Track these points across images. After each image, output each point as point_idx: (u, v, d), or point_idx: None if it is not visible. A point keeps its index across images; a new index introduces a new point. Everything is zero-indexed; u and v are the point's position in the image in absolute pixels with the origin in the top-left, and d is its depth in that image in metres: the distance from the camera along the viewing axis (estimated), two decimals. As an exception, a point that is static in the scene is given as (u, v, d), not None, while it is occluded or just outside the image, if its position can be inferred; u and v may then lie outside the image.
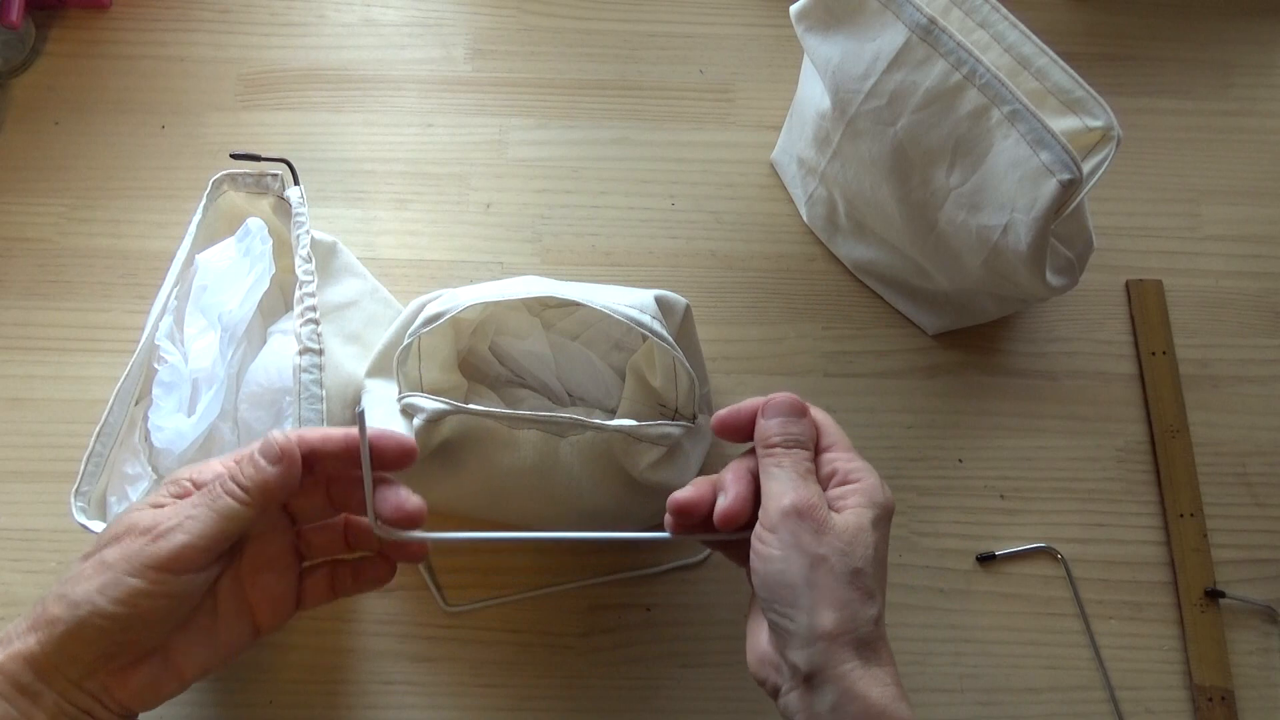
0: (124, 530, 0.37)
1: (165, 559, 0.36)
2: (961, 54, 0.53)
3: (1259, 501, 0.65)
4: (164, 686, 0.39)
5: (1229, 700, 0.59)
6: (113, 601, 0.36)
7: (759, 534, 0.40)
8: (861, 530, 0.39)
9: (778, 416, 0.42)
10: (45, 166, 0.70)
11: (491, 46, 0.76)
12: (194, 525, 0.37)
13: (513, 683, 0.58)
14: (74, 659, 0.37)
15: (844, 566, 0.38)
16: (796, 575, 0.37)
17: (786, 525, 0.38)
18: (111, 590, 0.36)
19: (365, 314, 0.60)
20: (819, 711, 0.37)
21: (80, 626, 0.36)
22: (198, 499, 0.38)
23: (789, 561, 0.38)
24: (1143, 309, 0.69)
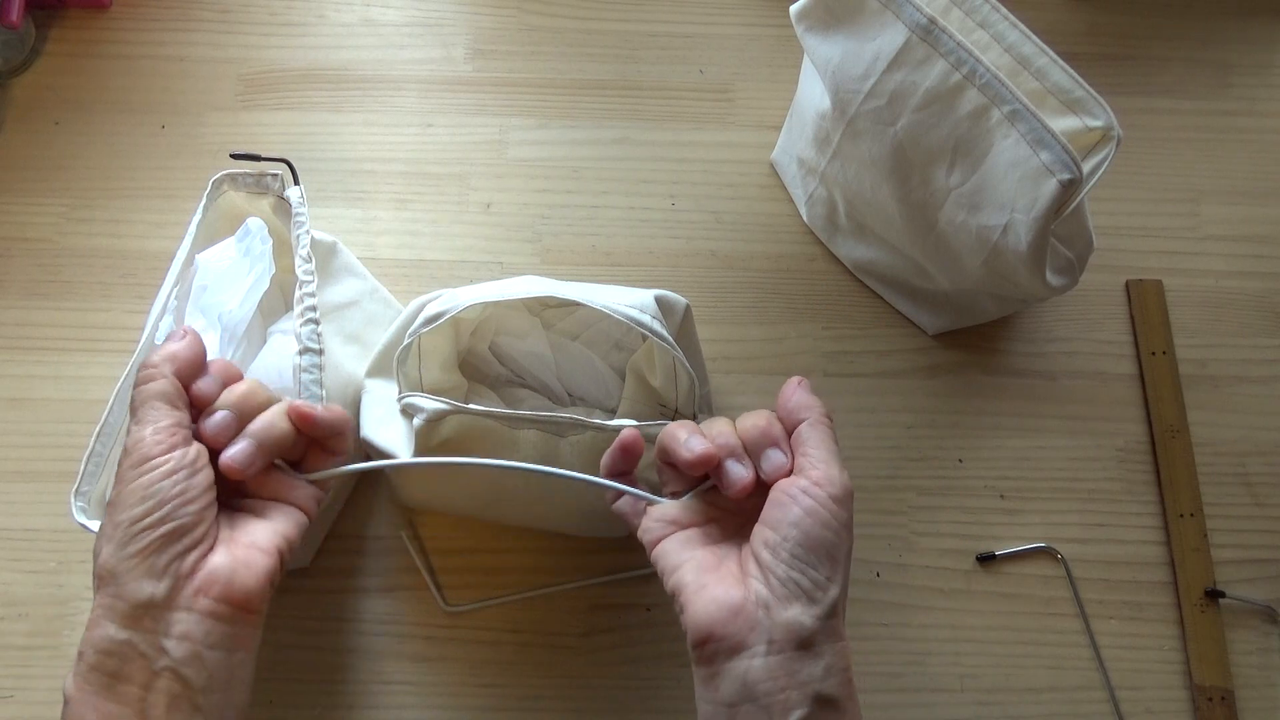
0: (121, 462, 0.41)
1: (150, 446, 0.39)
2: (961, 54, 0.53)
3: (1259, 501, 0.65)
4: (253, 561, 0.40)
5: (1229, 700, 0.59)
6: (133, 505, 0.38)
7: (820, 498, 0.40)
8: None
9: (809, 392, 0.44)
10: (45, 166, 0.70)
11: (491, 46, 0.76)
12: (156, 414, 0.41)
13: (513, 683, 0.58)
14: (146, 576, 0.38)
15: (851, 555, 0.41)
16: (841, 551, 0.40)
17: (846, 505, 0.40)
18: (129, 498, 0.39)
19: (365, 314, 0.60)
20: (810, 676, 0.38)
21: (125, 543, 0.38)
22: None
23: (842, 538, 0.40)
24: (1143, 309, 0.69)
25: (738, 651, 0.38)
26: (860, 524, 0.62)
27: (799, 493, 0.40)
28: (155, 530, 0.38)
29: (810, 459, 0.41)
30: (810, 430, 0.42)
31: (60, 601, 0.59)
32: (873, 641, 0.60)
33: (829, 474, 0.40)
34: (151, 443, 0.39)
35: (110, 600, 0.38)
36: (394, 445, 0.53)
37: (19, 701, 0.57)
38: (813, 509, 0.39)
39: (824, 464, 0.41)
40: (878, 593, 0.61)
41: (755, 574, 0.40)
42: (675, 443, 0.43)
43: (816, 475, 0.40)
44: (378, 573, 0.60)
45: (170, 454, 0.40)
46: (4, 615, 0.58)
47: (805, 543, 0.39)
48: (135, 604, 0.38)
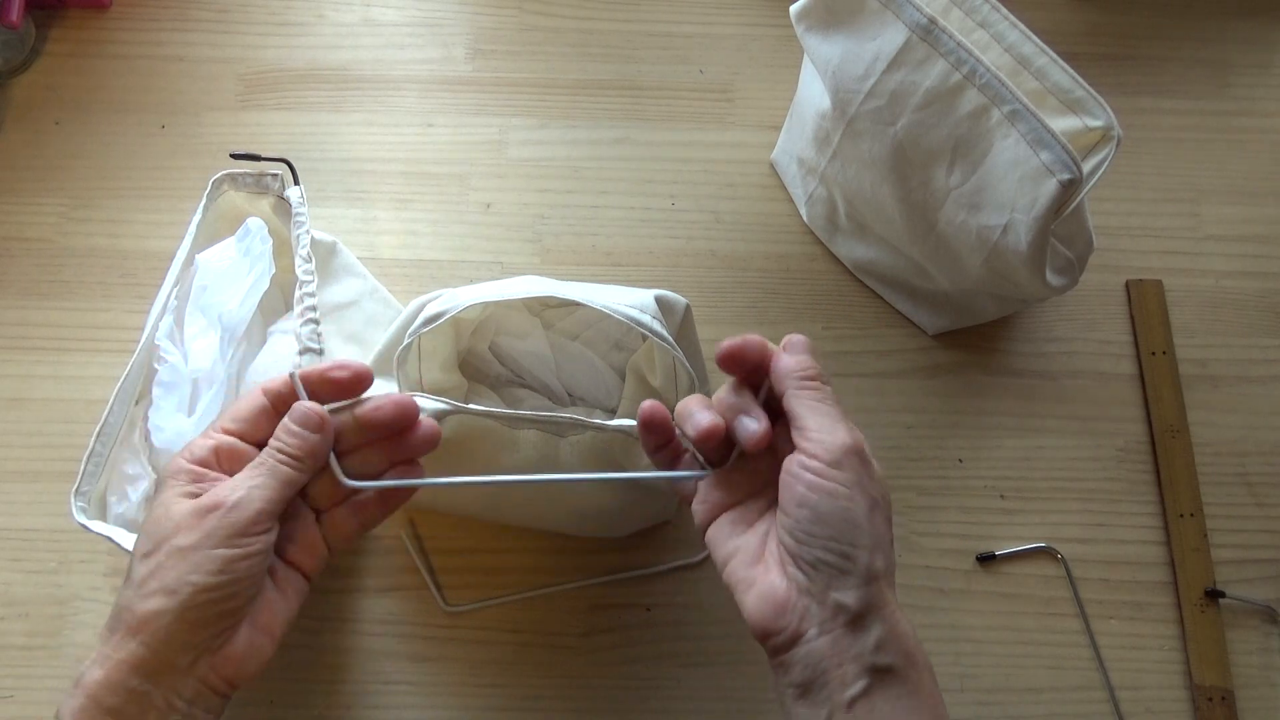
0: (186, 516, 0.39)
1: (247, 523, 0.39)
2: (961, 54, 0.53)
3: (1259, 501, 0.65)
4: (261, 649, 0.41)
5: (1229, 700, 0.59)
6: (210, 574, 0.38)
7: (816, 468, 0.38)
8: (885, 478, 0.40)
9: (804, 353, 0.42)
10: (45, 166, 0.70)
11: (491, 46, 0.76)
12: (261, 492, 0.40)
13: (513, 683, 0.58)
14: (185, 645, 0.38)
15: (888, 511, 0.39)
16: (861, 515, 0.38)
17: (850, 463, 0.38)
18: (207, 565, 0.38)
19: (365, 314, 0.60)
20: (862, 649, 0.37)
21: (186, 609, 0.38)
22: (253, 471, 0.41)
23: (854, 500, 0.38)
24: (1143, 309, 0.69)
25: (796, 640, 0.38)
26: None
27: (799, 470, 0.39)
28: (219, 606, 0.39)
29: (803, 432, 0.40)
30: (794, 400, 0.41)
31: (60, 601, 0.59)
32: (873, 641, 0.60)
33: (821, 440, 0.39)
34: (256, 515, 0.39)
35: (141, 652, 0.38)
36: (394, 445, 0.53)
37: (19, 701, 0.57)
38: (814, 483, 0.38)
39: (815, 430, 0.39)
40: (878, 593, 0.61)
41: (788, 560, 0.39)
42: (684, 419, 0.42)
43: (809, 446, 0.39)
44: (378, 573, 0.60)
45: (265, 535, 0.40)
46: (4, 615, 0.58)
47: (817, 520, 0.38)
48: (166, 664, 0.38)
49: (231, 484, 0.40)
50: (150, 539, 0.39)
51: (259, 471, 0.41)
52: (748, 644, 0.59)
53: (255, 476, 0.40)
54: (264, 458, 0.41)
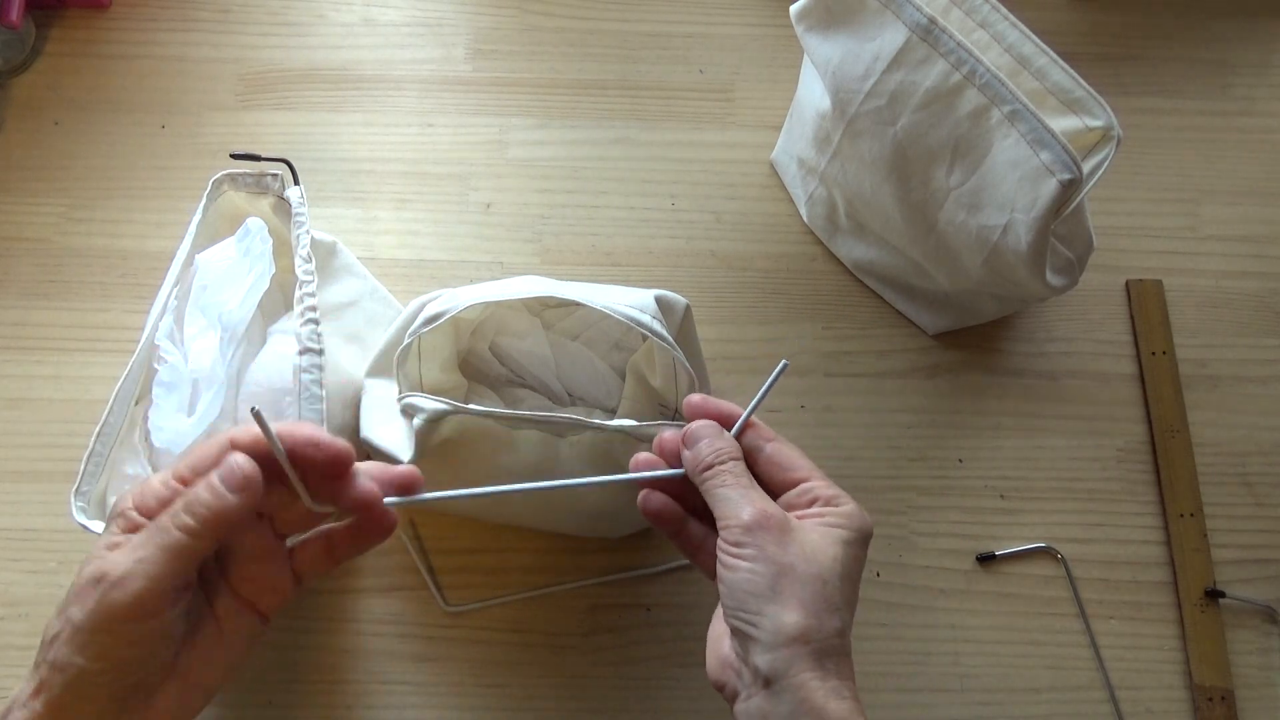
0: (84, 583, 0.36)
1: (125, 609, 0.35)
2: (961, 54, 0.53)
3: (1259, 501, 0.65)
4: (192, 704, 0.39)
5: (1229, 700, 0.59)
6: (92, 659, 0.35)
7: (725, 550, 0.40)
8: (829, 543, 0.40)
9: (702, 439, 0.43)
10: (45, 166, 0.70)
11: (491, 46, 0.76)
12: (145, 568, 0.35)
13: (513, 683, 0.58)
14: (81, 716, 0.36)
15: (808, 573, 0.38)
16: (762, 583, 0.38)
17: (751, 538, 0.39)
18: (88, 649, 0.35)
19: (365, 314, 0.60)
20: (779, 713, 0.37)
21: (71, 687, 0.35)
22: (145, 537, 0.36)
23: (755, 571, 0.39)
24: (1143, 309, 0.69)
25: (735, 698, 0.40)
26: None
27: (717, 547, 0.41)
28: (109, 689, 0.36)
29: (717, 517, 0.41)
30: (705, 493, 0.42)
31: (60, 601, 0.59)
32: (873, 641, 0.60)
33: (726, 521, 0.40)
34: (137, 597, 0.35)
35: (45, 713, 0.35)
36: (394, 445, 0.53)
37: (19, 701, 0.57)
38: (723, 559, 0.40)
39: (722, 512, 0.41)
40: (878, 593, 0.61)
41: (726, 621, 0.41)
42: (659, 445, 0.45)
43: (720, 527, 0.41)
44: (378, 573, 0.60)
45: (154, 619, 0.36)
46: (4, 615, 0.58)
47: (728, 592, 0.40)
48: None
49: (122, 555, 0.35)
50: (68, 592, 0.36)
51: (149, 539, 0.36)
52: (748, 644, 0.59)
53: (144, 547, 0.35)
54: (162, 521, 0.36)
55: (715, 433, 0.43)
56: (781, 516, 0.40)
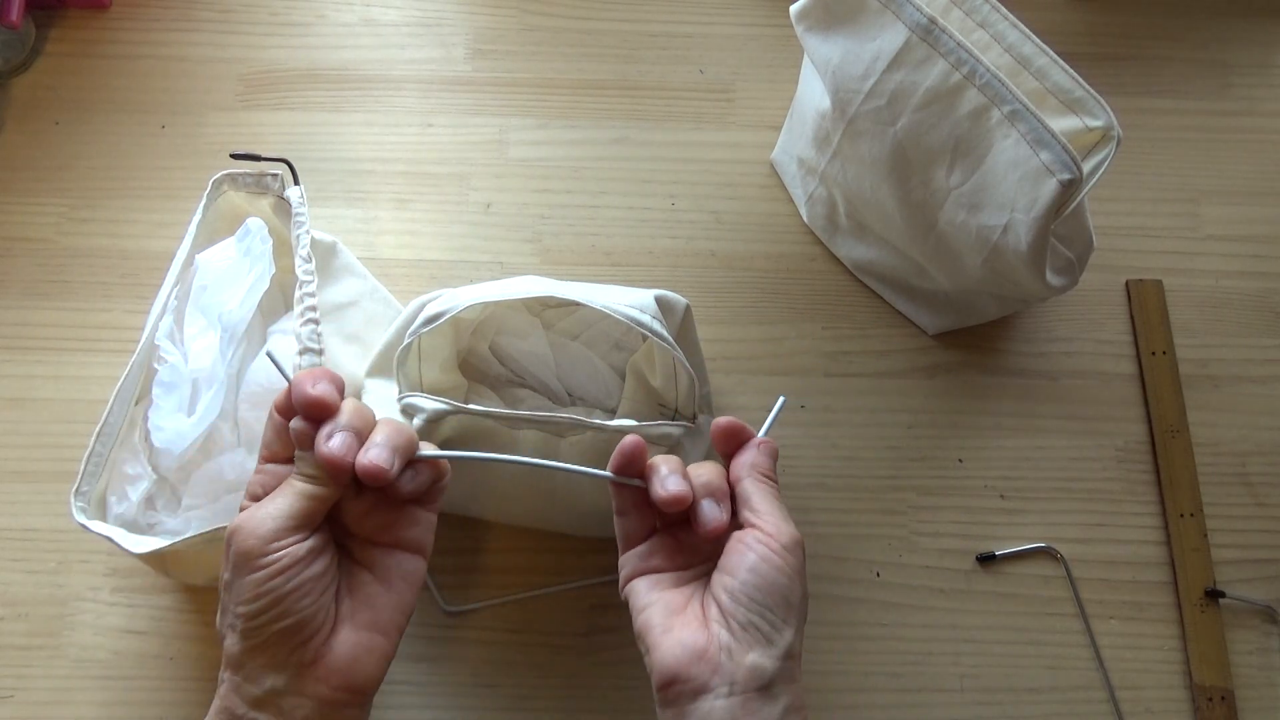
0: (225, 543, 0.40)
1: (261, 543, 0.38)
2: (961, 54, 0.53)
3: (1259, 501, 0.65)
4: (376, 647, 0.40)
5: (1229, 700, 0.59)
6: (248, 602, 0.38)
7: (772, 545, 0.41)
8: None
9: (769, 458, 0.45)
10: (45, 166, 0.70)
11: (491, 46, 0.76)
12: (270, 510, 0.39)
13: (513, 683, 0.58)
14: (268, 669, 0.38)
15: (808, 602, 0.43)
16: (795, 598, 0.41)
17: (795, 553, 0.42)
18: (242, 593, 0.38)
19: (365, 314, 0.60)
20: (769, 715, 0.39)
21: (246, 637, 0.38)
22: (272, 495, 0.40)
23: (793, 582, 0.41)
24: (1143, 309, 0.69)
25: (701, 694, 0.39)
26: (860, 524, 0.63)
27: (753, 541, 0.41)
28: (273, 627, 0.38)
29: (758, 513, 0.42)
30: (753, 486, 0.44)
31: (60, 601, 0.59)
32: (873, 641, 0.60)
33: (778, 525, 0.42)
34: (269, 533, 0.38)
35: (239, 682, 0.38)
36: (394, 445, 0.53)
37: (19, 701, 0.57)
38: (766, 555, 0.41)
39: (771, 516, 0.42)
40: (878, 593, 0.61)
41: (716, 618, 0.41)
42: (655, 476, 0.43)
43: (767, 527, 0.42)
44: (378, 573, 0.60)
45: (281, 550, 0.38)
46: (4, 615, 0.58)
47: (762, 586, 0.40)
48: (259, 694, 0.38)
49: (253, 509, 0.40)
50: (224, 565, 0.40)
51: (279, 492, 0.40)
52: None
53: (272, 499, 0.40)
54: (290, 479, 0.40)
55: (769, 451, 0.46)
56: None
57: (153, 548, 0.48)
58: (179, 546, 0.48)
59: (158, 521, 0.53)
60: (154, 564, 0.53)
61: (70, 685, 0.57)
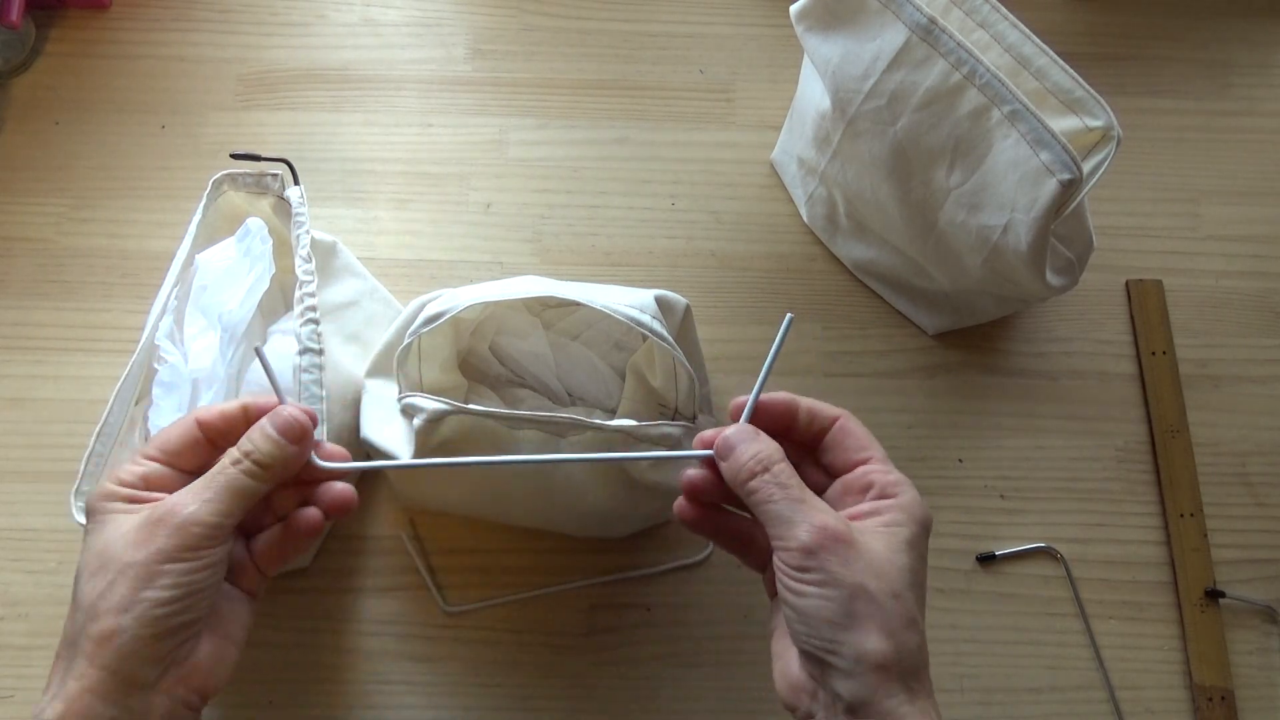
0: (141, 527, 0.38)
1: (198, 537, 0.37)
2: (961, 54, 0.53)
3: (1259, 501, 0.65)
4: (227, 655, 0.40)
5: (1229, 700, 0.59)
6: (165, 588, 0.37)
7: (787, 574, 0.37)
8: (895, 551, 0.37)
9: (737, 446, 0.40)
10: (45, 166, 0.70)
11: (491, 46, 0.76)
12: (214, 506, 0.38)
13: (513, 683, 0.58)
14: (148, 660, 0.37)
15: (883, 591, 0.36)
16: (835, 609, 0.36)
17: (814, 560, 0.36)
18: (161, 579, 0.37)
19: (365, 314, 0.60)
20: None
21: (142, 624, 0.36)
22: (209, 482, 0.39)
23: (826, 596, 0.36)
24: (1143, 309, 0.69)
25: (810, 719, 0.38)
26: (860, 524, 0.62)
27: (777, 565, 0.38)
28: (178, 618, 0.37)
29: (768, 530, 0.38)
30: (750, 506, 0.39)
31: (60, 601, 0.59)
32: (873, 641, 0.60)
33: (783, 540, 0.37)
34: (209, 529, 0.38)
35: (103, 676, 0.36)
36: (394, 445, 0.53)
37: (19, 701, 0.57)
38: (786, 584, 0.37)
39: (776, 529, 0.38)
40: (878, 593, 0.61)
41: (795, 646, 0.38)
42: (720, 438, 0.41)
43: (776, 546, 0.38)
44: (378, 573, 0.60)
45: (216, 545, 0.38)
46: (4, 615, 0.58)
47: (798, 617, 0.37)
48: (131, 683, 0.37)
49: (183, 495, 0.38)
50: (97, 558, 0.38)
51: (215, 483, 0.39)
52: (747, 644, 0.59)
53: (208, 489, 0.38)
54: (225, 466, 0.39)
55: (751, 436, 0.40)
56: (842, 529, 0.37)
57: (153, 548, 0.48)
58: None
59: (158, 521, 0.53)
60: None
61: None
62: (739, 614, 0.60)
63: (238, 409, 0.42)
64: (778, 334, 0.42)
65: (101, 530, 0.38)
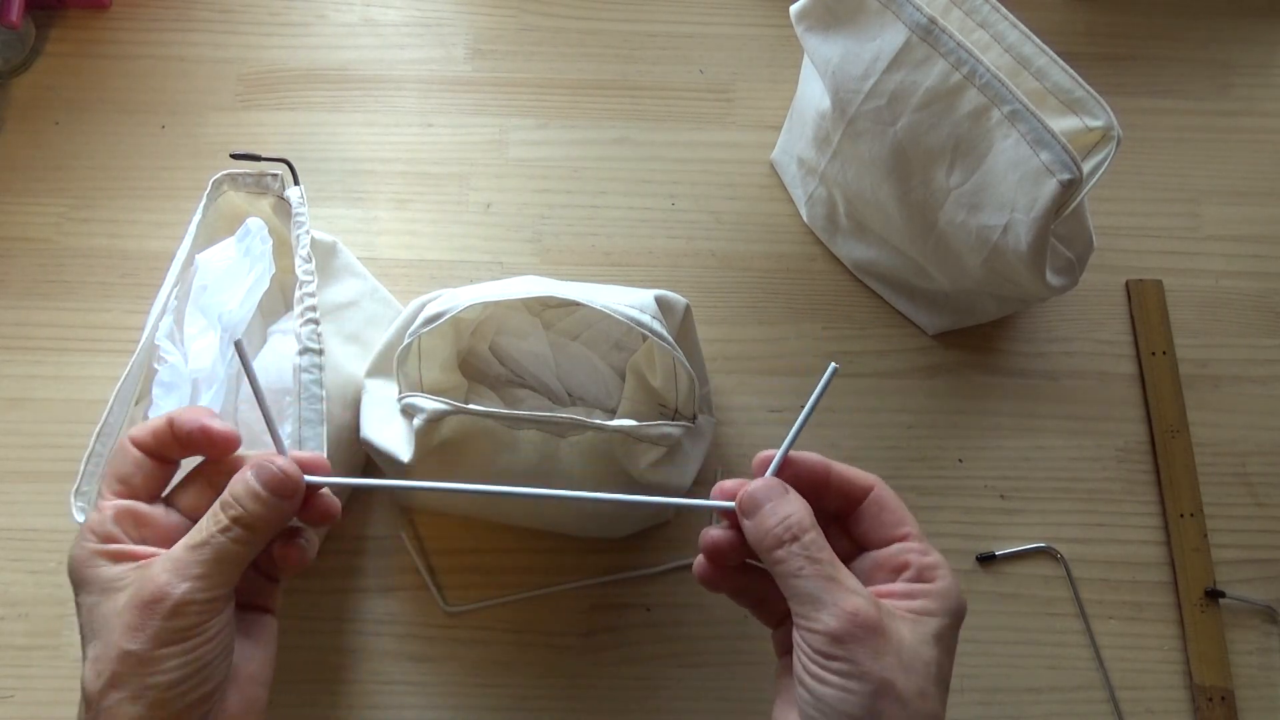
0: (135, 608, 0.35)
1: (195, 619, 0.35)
2: (961, 54, 0.53)
3: (1259, 501, 0.64)
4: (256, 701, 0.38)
5: (1229, 700, 0.59)
6: (171, 671, 0.34)
7: (810, 658, 0.34)
8: (925, 644, 0.34)
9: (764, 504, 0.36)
10: (45, 166, 0.70)
11: (491, 46, 0.76)
12: (205, 584, 0.35)
13: (513, 683, 0.58)
14: None
15: (910, 689, 0.33)
16: (859, 703, 0.33)
17: (843, 649, 0.33)
18: (164, 664, 0.34)
19: (365, 314, 0.60)
20: None
21: (156, 708, 0.34)
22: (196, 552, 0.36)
23: (850, 689, 0.33)
24: (1143, 309, 0.69)
25: None
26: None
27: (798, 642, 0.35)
28: (193, 695, 0.35)
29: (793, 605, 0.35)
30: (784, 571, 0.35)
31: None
32: (873, 641, 0.60)
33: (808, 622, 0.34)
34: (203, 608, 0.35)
35: None
36: (394, 445, 0.53)
37: (19, 701, 0.57)
38: (809, 668, 0.34)
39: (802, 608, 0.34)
40: (878, 593, 0.61)
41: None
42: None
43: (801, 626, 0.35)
44: (378, 573, 0.60)
45: (216, 616, 0.35)
46: (4, 615, 0.58)
47: (816, 705, 0.34)
48: None
49: (171, 571, 0.35)
50: (98, 639, 0.35)
51: (203, 556, 0.35)
52: (746, 644, 0.59)
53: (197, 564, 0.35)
54: (211, 533, 0.36)
55: (779, 493, 0.37)
56: (874, 616, 0.34)
57: (153, 548, 0.48)
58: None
59: (158, 521, 0.53)
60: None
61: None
62: (739, 614, 0.60)
63: (164, 424, 0.38)
64: (819, 384, 0.38)
65: (97, 608, 0.35)
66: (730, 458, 0.64)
